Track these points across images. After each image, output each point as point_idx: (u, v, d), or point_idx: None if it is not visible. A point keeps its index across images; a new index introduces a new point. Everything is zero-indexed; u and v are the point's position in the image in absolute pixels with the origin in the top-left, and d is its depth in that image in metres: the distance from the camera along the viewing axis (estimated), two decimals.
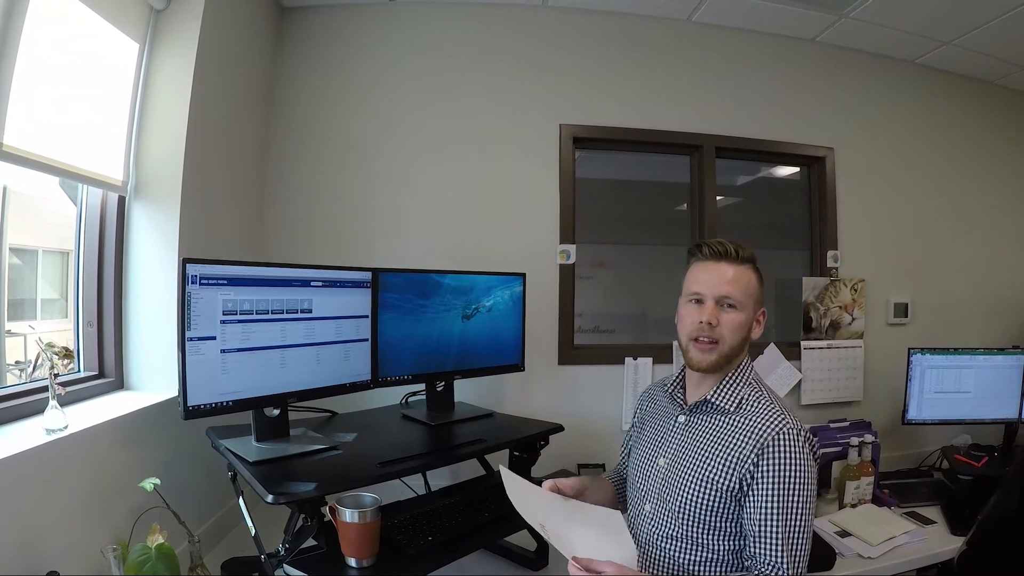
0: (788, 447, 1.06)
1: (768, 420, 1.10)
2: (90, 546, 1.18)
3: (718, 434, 1.15)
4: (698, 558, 1.13)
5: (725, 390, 1.18)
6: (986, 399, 2.26)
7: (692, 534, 1.13)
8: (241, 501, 1.34)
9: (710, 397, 1.18)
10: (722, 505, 1.10)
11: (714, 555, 1.13)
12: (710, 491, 1.11)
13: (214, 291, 1.27)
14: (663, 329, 2.41)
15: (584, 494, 1.22)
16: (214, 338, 1.27)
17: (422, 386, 1.80)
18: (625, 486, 1.39)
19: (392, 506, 1.43)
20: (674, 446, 1.21)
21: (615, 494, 1.41)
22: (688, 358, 1.20)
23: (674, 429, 1.23)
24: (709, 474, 1.12)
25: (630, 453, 1.38)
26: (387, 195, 2.21)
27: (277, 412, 1.42)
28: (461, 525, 1.41)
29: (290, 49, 2.20)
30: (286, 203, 2.17)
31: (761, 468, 1.06)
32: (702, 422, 1.19)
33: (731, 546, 1.12)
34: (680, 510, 1.14)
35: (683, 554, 1.15)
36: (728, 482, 1.09)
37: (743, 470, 1.08)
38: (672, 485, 1.17)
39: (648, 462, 1.26)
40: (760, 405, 1.13)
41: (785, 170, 2.74)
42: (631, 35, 2.38)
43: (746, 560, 1.09)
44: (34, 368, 1.24)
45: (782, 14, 2.32)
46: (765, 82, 2.50)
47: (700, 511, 1.12)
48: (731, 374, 1.19)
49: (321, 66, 2.21)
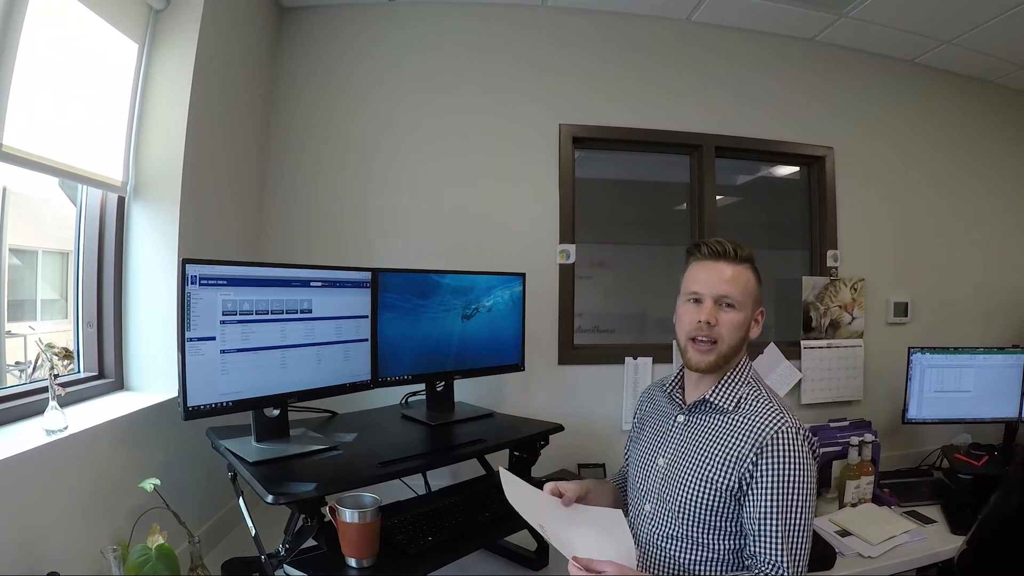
0: (787, 446, 1.06)
1: (767, 419, 1.10)
2: (90, 546, 1.18)
3: (717, 433, 1.15)
4: (698, 558, 1.13)
5: (724, 389, 1.18)
6: (986, 398, 2.26)
7: (692, 534, 1.13)
8: (241, 501, 1.34)
9: (709, 396, 1.18)
10: (722, 504, 1.10)
11: (714, 555, 1.13)
12: (710, 490, 1.11)
13: (214, 291, 1.27)
14: (663, 329, 2.41)
15: (587, 497, 1.22)
16: (214, 338, 1.27)
17: (422, 386, 1.80)
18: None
19: (392, 506, 1.43)
20: (673, 446, 1.21)
21: (618, 496, 1.41)
22: (687, 358, 1.20)
23: (673, 429, 1.23)
24: (708, 473, 1.12)
25: (630, 453, 1.38)
26: (387, 195, 2.21)
27: (277, 412, 1.42)
28: (461, 525, 1.41)
29: (290, 49, 2.20)
30: (286, 203, 2.17)
31: (760, 467, 1.06)
32: (701, 421, 1.19)
33: (731, 545, 1.12)
34: (680, 510, 1.14)
35: (683, 554, 1.15)
36: (727, 481, 1.09)
37: (742, 469, 1.08)
38: (672, 485, 1.17)
39: (647, 462, 1.26)
40: (759, 404, 1.14)
41: (785, 170, 2.74)
42: (630, 35, 2.38)
43: (746, 559, 1.09)
44: (34, 369, 1.24)
45: (781, 14, 2.32)
46: (765, 82, 2.50)
47: (700, 510, 1.12)
48: (730, 373, 1.19)
49: (321, 66, 2.21)
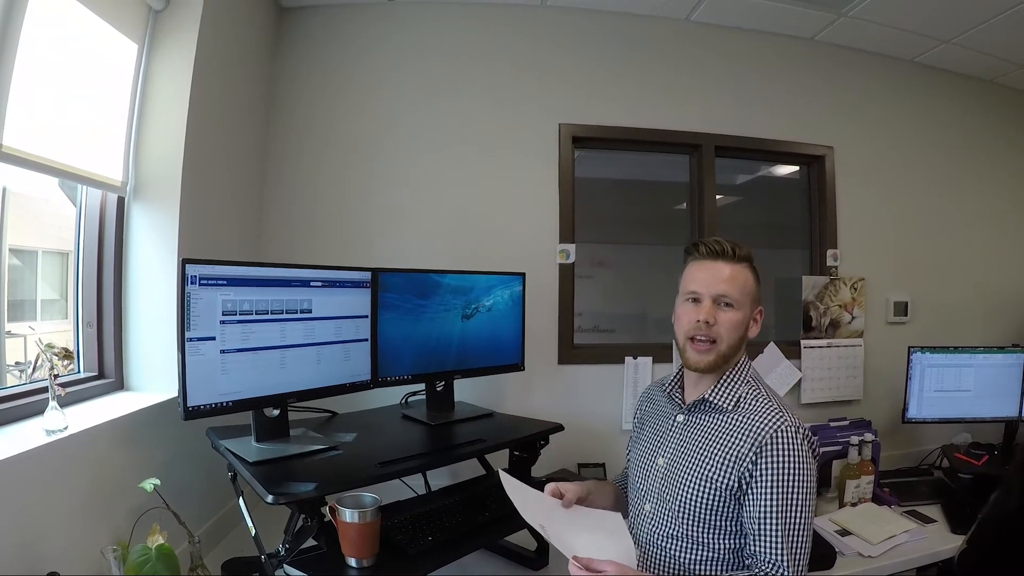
0: (786, 445, 1.06)
1: (766, 418, 1.10)
2: (90, 547, 1.18)
3: (717, 433, 1.15)
4: (698, 557, 1.13)
5: (723, 389, 1.18)
6: (986, 397, 2.26)
7: (692, 533, 1.13)
8: (241, 501, 1.33)
9: (708, 396, 1.18)
10: (722, 504, 1.10)
11: (714, 554, 1.13)
12: (709, 490, 1.11)
13: (213, 291, 1.27)
14: (663, 328, 2.41)
15: (588, 499, 1.22)
16: (214, 338, 1.27)
17: (422, 386, 1.80)
18: None
19: (392, 506, 1.43)
20: (673, 445, 1.21)
21: (620, 497, 1.40)
22: (685, 358, 1.20)
23: (673, 428, 1.23)
24: (708, 473, 1.12)
25: (631, 454, 1.38)
26: (387, 195, 2.21)
27: (277, 412, 1.42)
28: (461, 525, 1.41)
29: (289, 49, 2.20)
30: (286, 203, 2.17)
31: (760, 466, 1.07)
32: (700, 421, 1.19)
33: (731, 544, 1.12)
34: (680, 509, 1.14)
35: (683, 553, 1.15)
36: (727, 480, 1.09)
37: (742, 468, 1.08)
38: (671, 484, 1.17)
39: (647, 462, 1.26)
40: (758, 403, 1.14)
41: (784, 169, 2.74)
42: (630, 35, 2.38)
43: (746, 559, 1.09)
44: (34, 369, 1.24)
45: (781, 13, 2.32)
46: (764, 81, 2.50)
47: (700, 510, 1.12)
48: (729, 372, 1.19)
49: (320, 66, 2.21)
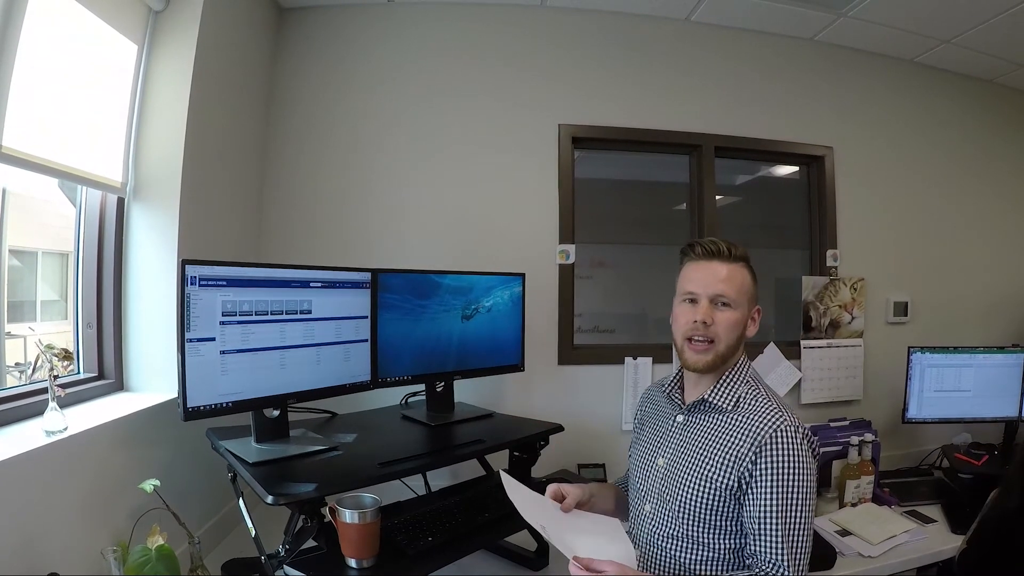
0: (786, 444, 1.06)
1: (766, 418, 1.10)
2: (90, 547, 1.18)
3: (716, 433, 1.15)
4: (698, 557, 1.13)
5: (722, 389, 1.18)
6: (986, 397, 2.26)
7: (692, 533, 1.13)
8: (241, 502, 1.33)
9: (707, 396, 1.18)
10: (722, 504, 1.10)
11: (714, 554, 1.13)
12: (709, 490, 1.11)
13: (213, 292, 1.27)
14: (663, 329, 2.37)
15: (590, 502, 1.23)
16: (213, 339, 1.27)
17: (422, 386, 1.80)
18: None
19: (392, 507, 1.43)
20: (673, 446, 1.21)
21: (622, 500, 1.40)
22: (684, 359, 1.20)
23: (673, 429, 1.23)
24: (708, 473, 1.12)
25: (631, 454, 1.37)
26: (387, 195, 2.21)
27: (277, 413, 1.42)
28: (461, 525, 1.41)
29: (289, 49, 2.20)
30: (285, 203, 2.17)
31: (759, 466, 1.06)
32: (700, 421, 1.19)
33: (731, 544, 1.12)
34: (680, 509, 1.14)
35: (683, 553, 1.15)
36: (727, 480, 1.09)
37: (742, 468, 1.08)
38: (671, 484, 1.17)
39: (647, 462, 1.26)
40: (758, 403, 1.13)
41: (784, 169, 2.74)
42: (630, 35, 2.38)
43: (747, 558, 1.09)
44: (34, 370, 1.24)
45: (781, 13, 2.32)
46: (764, 81, 2.50)
47: (700, 510, 1.12)
48: (728, 373, 1.19)
49: (320, 66, 2.21)
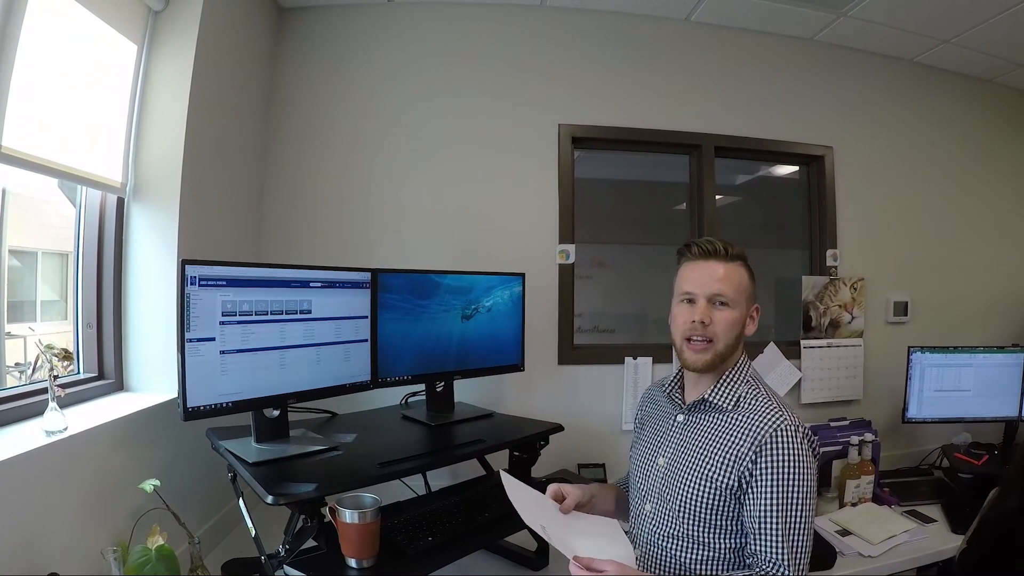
0: (786, 444, 1.06)
1: (766, 417, 1.10)
2: (90, 547, 1.18)
3: (716, 432, 1.15)
4: (699, 557, 1.13)
5: (722, 388, 1.18)
6: (986, 397, 2.26)
7: (692, 533, 1.13)
8: (241, 502, 1.33)
9: (708, 396, 1.18)
10: (722, 503, 1.10)
11: (715, 553, 1.13)
12: (710, 489, 1.11)
13: (213, 292, 1.27)
14: (663, 329, 2.37)
15: (591, 503, 1.23)
16: (213, 339, 1.27)
17: (422, 386, 1.80)
18: None
19: (392, 507, 1.43)
20: (673, 445, 1.21)
21: (622, 500, 1.39)
22: (683, 359, 1.20)
23: (673, 428, 1.23)
24: (709, 472, 1.12)
25: (632, 454, 1.37)
26: (387, 195, 2.21)
27: (277, 413, 1.42)
28: (461, 525, 1.41)
29: (289, 50, 2.20)
30: (285, 203, 2.17)
31: (760, 465, 1.06)
32: (700, 421, 1.19)
33: (732, 544, 1.12)
34: (680, 509, 1.14)
35: (684, 553, 1.15)
36: (727, 480, 1.09)
37: (742, 467, 1.08)
38: (672, 484, 1.17)
39: (648, 462, 1.26)
40: (758, 403, 1.13)
41: (784, 169, 2.74)
42: (630, 35, 2.38)
43: (747, 558, 1.09)
44: (34, 370, 1.24)
45: (780, 13, 2.32)
46: (764, 81, 2.50)
47: (700, 509, 1.12)
48: (728, 372, 1.19)
49: (320, 66, 2.21)
